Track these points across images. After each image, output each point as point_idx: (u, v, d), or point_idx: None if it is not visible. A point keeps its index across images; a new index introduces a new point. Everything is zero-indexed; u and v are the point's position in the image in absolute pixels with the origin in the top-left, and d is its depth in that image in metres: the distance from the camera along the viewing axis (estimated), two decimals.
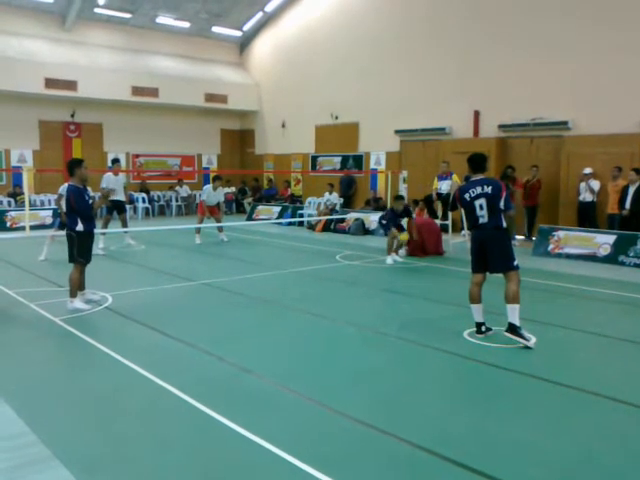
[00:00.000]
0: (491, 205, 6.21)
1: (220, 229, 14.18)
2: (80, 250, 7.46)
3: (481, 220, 6.26)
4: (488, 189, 6.22)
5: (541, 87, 14.49)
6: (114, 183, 12.65)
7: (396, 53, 17.86)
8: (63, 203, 10.54)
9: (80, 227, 7.42)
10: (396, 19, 17.85)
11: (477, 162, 6.44)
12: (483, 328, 6.43)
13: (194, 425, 4.23)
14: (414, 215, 13.23)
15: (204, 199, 14.08)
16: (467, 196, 6.33)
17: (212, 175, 23.20)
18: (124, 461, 3.75)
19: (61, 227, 10.85)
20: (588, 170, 13.31)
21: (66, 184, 10.94)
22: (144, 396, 4.78)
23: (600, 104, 13.51)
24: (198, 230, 14.12)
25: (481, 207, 6.25)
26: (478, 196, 6.24)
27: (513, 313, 6.09)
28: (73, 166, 7.67)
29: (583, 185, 13.39)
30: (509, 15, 15.17)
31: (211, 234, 14.86)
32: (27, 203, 11.61)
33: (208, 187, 14.27)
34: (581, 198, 13.46)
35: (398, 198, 11.82)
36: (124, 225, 12.93)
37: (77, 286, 7.56)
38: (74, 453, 3.83)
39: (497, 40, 15.38)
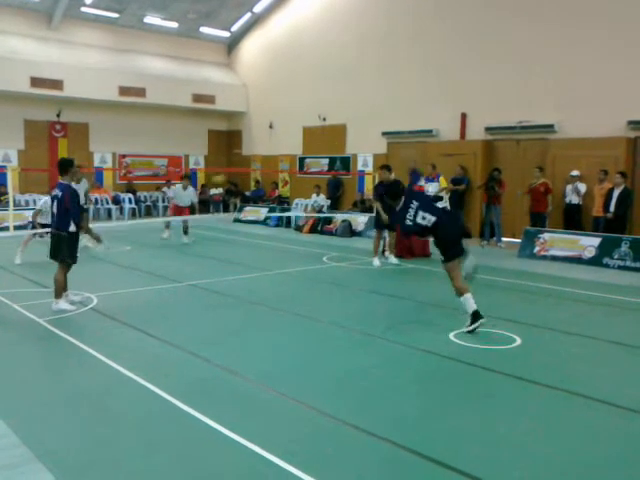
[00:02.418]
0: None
1: (185, 231, 13.83)
2: (71, 250, 7.42)
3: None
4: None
5: (527, 90, 14.59)
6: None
7: (383, 55, 17.90)
8: (42, 217, 10.51)
9: (72, 228, 7.38)
10: (382, 21, 17.89)
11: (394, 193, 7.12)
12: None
13: (180, 427, 4.20)
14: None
15: (171, 196, 14.00)
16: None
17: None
18: (109, 464, 3.71)
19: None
20: (575, 172, 13.40)
21: (45, 198, 10.89)
22: (130, 398, 4.74)
23: (586, 107, 13.62)
24: (167, 225, 14.03)
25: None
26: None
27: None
28: (67, 165, 7.60)
29: (569, 187, 13.49)
30: (495, 18, 15.26)
31: (198, 234, 14.79)
32: (11, 203, 11.52)
33: (178, 186, 14.16)
34: (567, 200, 13.56)
35: (384, 167, 11.04)
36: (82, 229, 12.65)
37: (63, 287, 7.49)
38: (58, 456, 3.79)
39: (484, 43, 15.46)
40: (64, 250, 7.39)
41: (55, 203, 7.45)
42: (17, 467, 3.62)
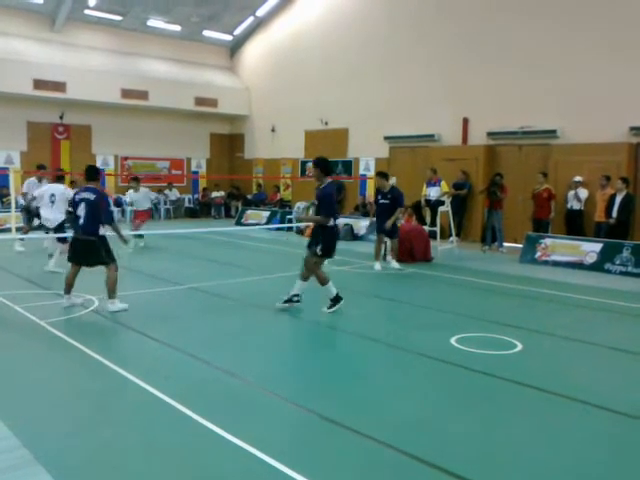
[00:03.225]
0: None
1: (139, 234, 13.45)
2: (110, 252, 7.49)
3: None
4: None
5: (530, 95, 14.58)
6: (37, 188, 11.82)
7: (385, 59, 17.91)
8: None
9: (102, 231, 7.46)
10: (385, 26, 17.90)
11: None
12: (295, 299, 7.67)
13: (179, 430, 4.19)
14: (402, 220, 13.22)
15: (128, 201, 13.83)
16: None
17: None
18: (108, 466, 3.71)
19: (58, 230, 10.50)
20: (578, 178, 13.39)
21: (46, 187, 10.69)
22: (129, 400, 4.74)
23: (588, 113, 13.61)
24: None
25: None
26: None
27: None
28: (97, 172, 7.83)
29: (571, 193, 13.49)
30: (498, 24, 15.25)
31: (200, 237, 14.77)
32: (13, 205, 11.53)
33: (130, 191, 14.03)
34: (569, 206, 13.55)
35: (380, 175, 11.41)
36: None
37: (115, 285, 7.51)
38: (57, 458, 3.79)
39: (486, 48, 15.45)
40: (104, 254, 7.42)
41: (83, 206, 7.34)
42: (17, 469, 3.62)
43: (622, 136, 13.19)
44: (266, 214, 19.27)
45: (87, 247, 7.41)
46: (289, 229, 17.74)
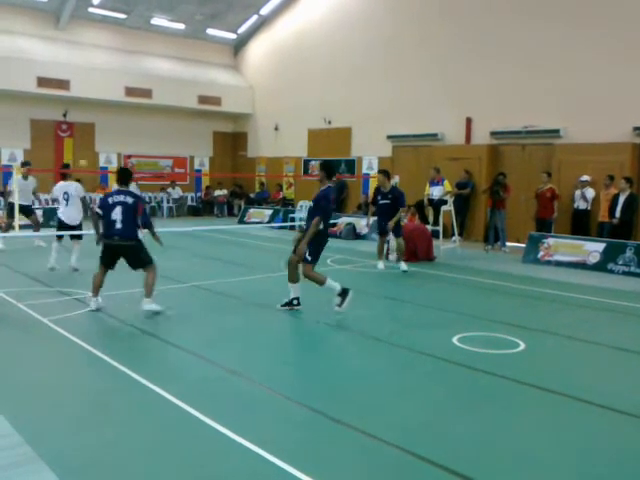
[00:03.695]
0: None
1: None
2: (148, 254, 7.49)
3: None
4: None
5: (533, 95, 14.57)
6: (22, 186, 12.12)
7: (389, 59, 17.90)
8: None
9: (141, 235, 7.47)
10: (388, 26, 17.89)
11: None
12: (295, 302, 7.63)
13: (183, 429, 4.19)
14: (404, 220, 13.21)
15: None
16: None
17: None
18: (111, 465, 3.71)
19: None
20: (585, 177, 13.35)
21: (76, 184, 10.66)
22: (133, 399, 4.74)
23: (591, 113, 13.59)
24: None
25: None
26: None
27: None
28: (130, 175, 7.79)
29: (578, 193, 13.45)
30: (501, 23, 15.23)
31: (203, 236, 14.77)
32: (17, 202, 11.55)
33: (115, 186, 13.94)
34: (575, 206, 13.52)
35: (383, 173, 11.28)
36: (35, 227, 12.49)
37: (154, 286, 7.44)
38: (61, 456, 3.79)
39: (489, 48, 15.43)
40: (145, 256, 7.43)
41: (119, 210, 7.16)
42: (20, 466, 3.63)
43: (625, 136, 13.17)
44: (269, 213, 19.28)
45: (128, 252, 7.32)
46: (292, 227, 17.76)
